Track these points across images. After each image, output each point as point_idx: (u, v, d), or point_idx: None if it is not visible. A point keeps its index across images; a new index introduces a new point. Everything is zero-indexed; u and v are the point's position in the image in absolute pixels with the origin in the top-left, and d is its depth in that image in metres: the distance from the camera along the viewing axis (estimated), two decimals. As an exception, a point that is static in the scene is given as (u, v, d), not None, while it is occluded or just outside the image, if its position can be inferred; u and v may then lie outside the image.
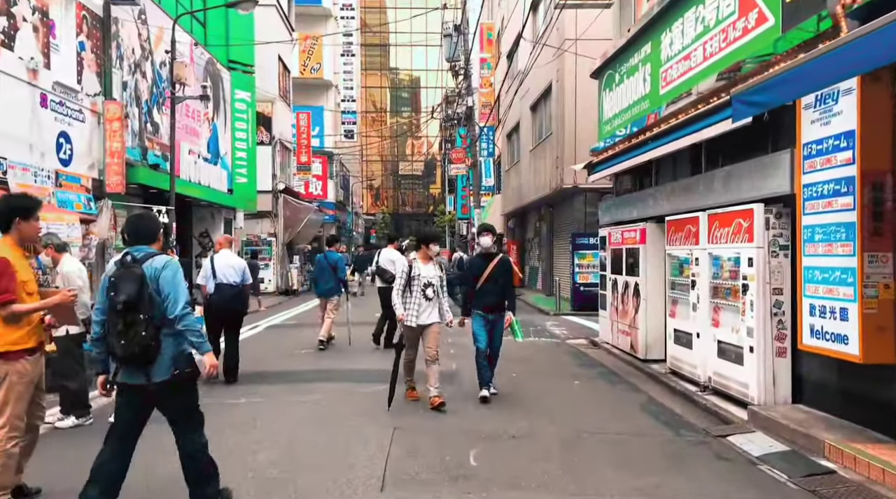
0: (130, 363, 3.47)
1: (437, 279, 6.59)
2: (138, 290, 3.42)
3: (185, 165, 14.77)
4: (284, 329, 13.11)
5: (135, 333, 3.40)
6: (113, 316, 3.45)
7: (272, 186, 23.70)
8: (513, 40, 24.97)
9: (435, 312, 6.61)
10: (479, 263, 7.19)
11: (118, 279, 3.47)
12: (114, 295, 3.45)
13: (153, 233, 3.79)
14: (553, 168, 18.24)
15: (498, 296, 7.03)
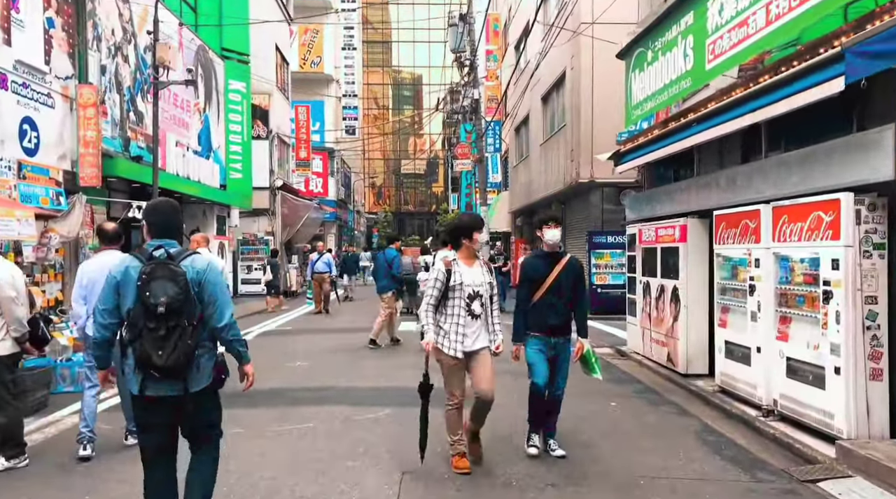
0: (169, 374, 3.08)
1: (486, 288, 4.74)
2: (183, 292, 3.06)
3: (173, 157, 13.67)
4: (278, 336, 11.99)
5: (179, 341, 3.04)
6: (148, 320, 3.03)
7: (269, 183, 22.60)
8: (521, 29, 23.85)
9: (484, 334, 4.73)
10: (539, 265, 5.19)
11: (153, 277, 3.05)
12: (149, 296, 3.02)
13: (181, 226, 3.45)
14: (567, 162, 17.10)
15: (564, 314, 5.14)
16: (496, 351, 4.79)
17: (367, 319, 14.54)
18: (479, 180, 30.86)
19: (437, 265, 4.79)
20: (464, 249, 4.81)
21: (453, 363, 4.65)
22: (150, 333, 3.03)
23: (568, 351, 5.21)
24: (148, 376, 3.08)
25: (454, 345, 4.61)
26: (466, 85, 25.65)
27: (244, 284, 21.46)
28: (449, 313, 4.65)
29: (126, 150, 12.20)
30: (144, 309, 3.04)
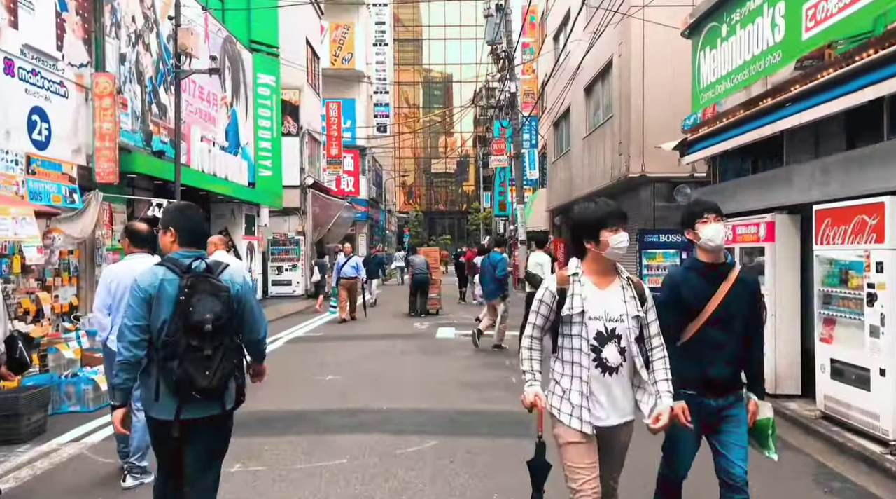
0: (211, 395, 2.88)
1: (630, 324, 2.83)
2: (228, 309, 2.90)
3: (197, 153, 12.93)
4: (307, 344, 11.14)
5: (224, 361, 2.88)
6: (193, 339, 2.81)
7: (300, 181, 21.87)
8: (560, 18, 22.76)
9: (627, 400, 2.86)
10: (697, 283, 3.23)
11: (195, 292, 2.84)
12: (192, 312, 2.81)
13: (207, 233, 3.34)
14: (614, 155, 15.97)
15: (735, 360, 3.21)
16: (653, 427, 2.81)
17: (400, 325, 13.69)
18: (514, 177, 29.86)
19: (547, 281, 3.03)
20: (590, 257, 2.94)
21: (577, 442, 2.82)
22: (194, 353, 2.81)
23: (740, 416, 3.22)
24: (188, 398, 2.84)
25: (577, 412, 2.82)
26: (503, 78, 24.63)
27: (275, 286, 20.76)
28: (566, 360, 2.87)
29: (148, 144, 11.48)
30: (188, 327, 2.80)
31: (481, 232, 63.69)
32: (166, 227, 3.09)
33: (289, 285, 20.90)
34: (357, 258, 14.62)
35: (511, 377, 8.03)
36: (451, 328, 12.89)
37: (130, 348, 2.85)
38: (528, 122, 27.24)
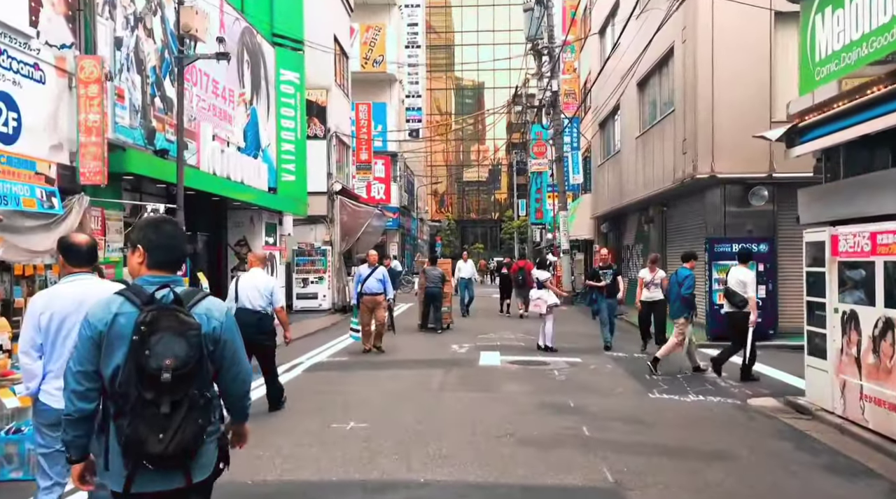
0: (168, 464, 2.29)
1: None
2: (197, 352, 2.29)
3: (209, 153, 11.49)
4: (329, 374, 9.53)
5: (187, 420, 2.26)
6: (146, 390, 2.23)
7: (327, 187, 20.44)
8: (608, 10, 21.00)
9: None
10: None
11: (155, 330, 2.26)
12: (149, 356, 2.22)
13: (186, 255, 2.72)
14: (677, 154, 14.15)
15: None
16: None
17: (434, 347, 12.00)
18: (554, 183, 28.09)
19: None
20: None
21: None
22: (148, 409, 2.24)
23: None
24: (139, 466, 2.28)
25: None
26: (543, 76, 22.95)
27: (300, 300, 19.33)
28: None
29: (150, 142, 10.07)
30: (141, 374, 2.23)
31: (515, 241, 61.92)
32: (134, 244, 2.52)
33: (315, 299, 19.44)
34: (384, 269, 11.28)
35: (581, 427, 6.31)
36: (496, 353, 11.19)
37: (74, 401, 2.37)
38: (570, 124, 25.48)
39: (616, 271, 12.20)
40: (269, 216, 15.21)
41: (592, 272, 12.63)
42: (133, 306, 2.35)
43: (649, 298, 11.09)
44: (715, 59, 12.81)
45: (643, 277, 11.14)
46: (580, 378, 8.98)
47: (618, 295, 12.11)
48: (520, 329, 14.81)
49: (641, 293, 11.12)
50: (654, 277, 11.08)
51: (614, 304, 12.04)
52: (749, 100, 12.75)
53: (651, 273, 11.09)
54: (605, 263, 12.52)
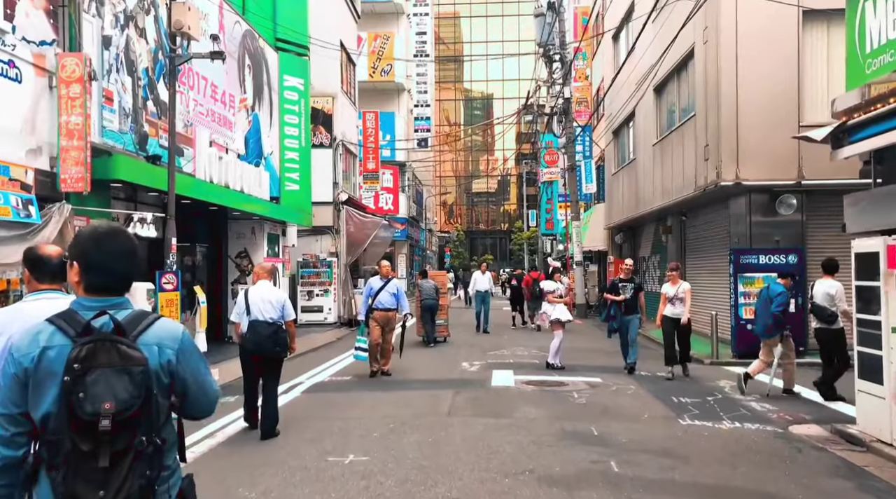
0: None
1: None
2: (142, 393, 1.87)
3: (205, 160, 10.91)
4: (329, 395, 8.86)
5: (131, 473, 1.87)
6: (82, 439, 1.83)
7: (333, 197, 19.85)
8: (622, 13, 20.40)
9: None
10: None
11: (90, 367, 1.85)
12: (83, 399, 1.82)
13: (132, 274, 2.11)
14: (698, 161, 13.45)
15: None
16: None
17: (443, 365, 11.27)
18: (565, 193, 27.42)
19: None
20: None
21: None
22: (84, 462, 1.83)
23: None
24: None
25: None
26: (555, 83, 22.35)
27: (305, 313, 18.70)
28: None
29: (141, 148, 9.50)
30: (75, 421, 1.82)
31: (525, 252, 61.20)
32: (71, 259, 2.05)
33: (320, 312, 18.82)
34: (397, 282, 10.22)
35: (609, 462, 5.60)
36: (509, 371, 10.49)
37: (2, 447, 1.91)
38: (582, 131, 24.83)
39: (638, 286, 10.76)
40: (271, 227, 14.62)
41: (611, 285, 11.19)
42: (65, 338, 1.93)
43: (674, 315, 10.03)
44: (739, 59, 12.14)
45: (665, 292, 10.13)
46: (602, 401, 8.27)
47: (638, 313, 10.65)
48: (533, 345, 14.10)
49: (664, 308, 10.13)
50: (677, 291, 10.01)
51: (635, 321, 10.54)
52: (776, 102, 12.08)
53: (673, 285, 10.07)
54: (626, 275, 10.80)
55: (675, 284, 10.07)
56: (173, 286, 8.49)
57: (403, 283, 35.79)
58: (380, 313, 9.79)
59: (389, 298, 9.89)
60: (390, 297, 9.90)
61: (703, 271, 15.66)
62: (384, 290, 9.85)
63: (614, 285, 10.83)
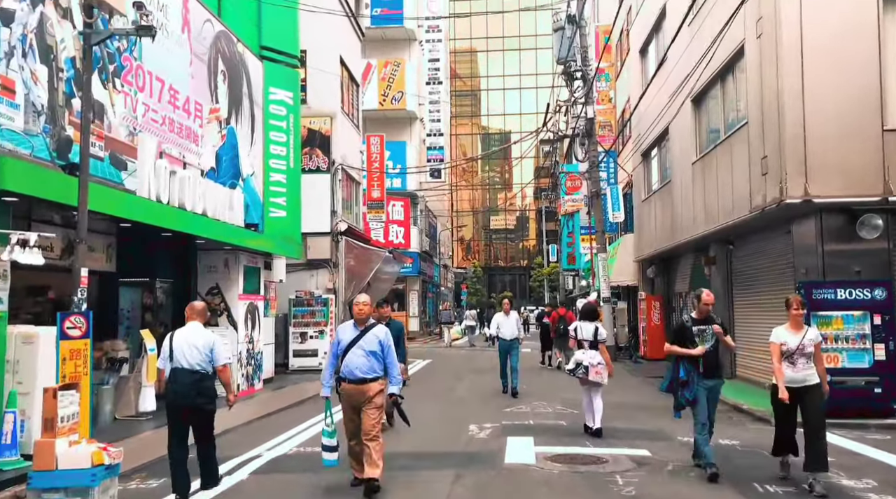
0: None
1: None
2: None
3: (149, 174, 8.86)
4: (286, 478, 6.60)
5: None
6: None
7: (331, 227, 17.86)
8: (651, 24, 18.47)
9: None
10: None
11: None
12: None
13: None
14: (753, 176, 11.23)
15: None
16: None
17: (443, 428, 8.81)
18: (591, 223, 25.21)
19: None
20: None
21: None
22: None
23: None
24: None
25: None
26: (577, 101, 20.37)
27: (297, 358, 16.61)
28: None
29: (61, 155, 7.53)
30: None
31: (545, 289, 58.72)
32: None
33: (314, 357, 16.65)
34: (385, 330, 6.22)
35: None
36: (528, 439, 8.17)
37: None
38: (606, 156, 22.75)
39: (722, 326, 6.65)
40: (249, 259, 12.56)
41: (678, 330, 6.80)
42: None
43: (800, 382, 6.02)
44: (805, 53, 10.01)
45: (784, 342, 6.09)
46: (657, 492, 5.95)
47: (723, 375, 6.99)
48: (556, 396, 11.78)
49: (782, 371, 6.04)
50: (802, 340, 6.03)
51: (718, 388, 6.70)
52: (851, 102, 9.92)
53: (796, 332, 6.10)
54: (702, 314, 6.62)
55: (797, 329, 6.14)
56: (81, 332, 6.42)
57: (414, 322, 33.55)
58: (350, 386, 5.93)
59: (365, 359, 5.93)
60: (367, 358, 5.93)
61: (755, 309, 13.31)
62: (358, 344, 5.96)
63: (683, 330, 6.67)
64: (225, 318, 12.01)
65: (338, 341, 6.14)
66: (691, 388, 6.47)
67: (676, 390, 6.60)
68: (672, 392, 6.70)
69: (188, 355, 5.71)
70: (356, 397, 5.92)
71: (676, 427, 8.83)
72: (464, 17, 60.84)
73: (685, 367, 6.51)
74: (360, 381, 5.88)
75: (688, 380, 6.48)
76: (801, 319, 6.18)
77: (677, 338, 6.66)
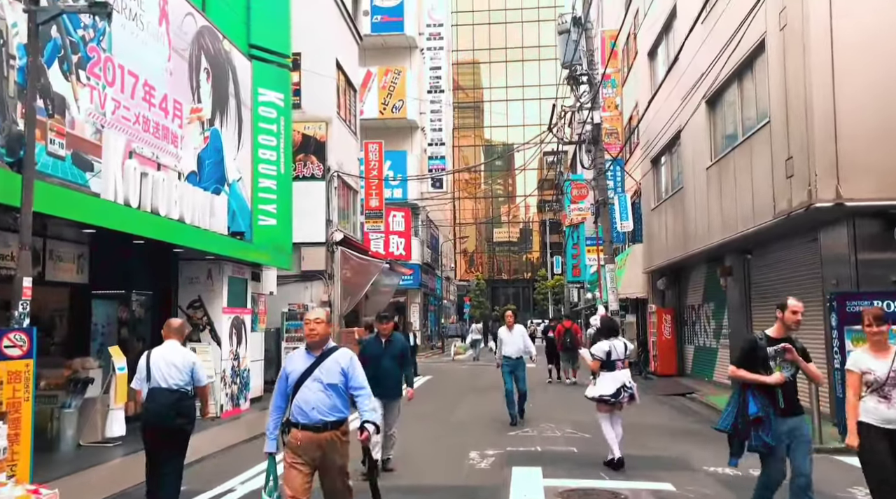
0: None
1: None
2: None
3: (116, 175, 8.04)
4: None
5: None
6: None
7: (326, 237, 17.06)
8: (660, 25, 17.73)
9: None
10: None
11: None
12: None
13: None
14: (777, 179, 10.38)
15: None
16: None
17: (447, 456, 7.86)
18: (598, 233, 24.34)
19: None
20: None
21: None
22: None
23: None
24: None
25: None
26: (583, 107, 19.59)
27: (289, 374, 15.66)
28: None
29: (10, 152, 6.72)
30: None
31: (549, 302, 57.76)
32: None
33: (308, 374, 15.75)
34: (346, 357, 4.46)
35: None
36: (536, 470, 7.28)
37: None
38: (613, 163, 21.93)
39: (802, 352, 4.91)
40: (235, 269, 11.73)
41: (748, 348, 5.05)
42: None
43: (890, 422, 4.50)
44: (835, 41, 9.20)
45: (868, 370, 4.56)
46: None
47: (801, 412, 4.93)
48: (565, 418, 10.89)
49: (857, 408, 4.62)
50: (892, 366, 4.48)
51: (801, 427, 4.84)
52: (888, 97, 9.09)
53: (882, 356, 4.57)
54: (781, 332, 4.96)
55: (882, 351, 4.59)
56: (23, 351, 5.58)
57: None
58: (304, 434, 4.30)
59: (324, 396, 4.32)
60: (326, 393, 4.32)
61: (767, 319, 12.40)
62: (313, 377, 4.33)
63: (755, 350, 4.94)
64: (207, 333, 11.17)
65: (285, 375, 4.42)
66: (767, 428, 4.69)
67: (744, 431, 4.80)
68: (736, 434, 4.87)
69: (167, 374, 5.57)
70: (311, 451, 4.25)
71: (698, 453, 7.98)
72: (466, 26, 60.32)
73: (758, 400, 4.77)
74: (318, 426, 4.23)
75: (763, 417, 4.72)
76: (884, 338, 4.57)
77: (746, 360, 4.93)
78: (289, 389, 4.40)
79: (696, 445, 8.84)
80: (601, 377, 7.47)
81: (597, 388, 7.44)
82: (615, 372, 7.43)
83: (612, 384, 7.37)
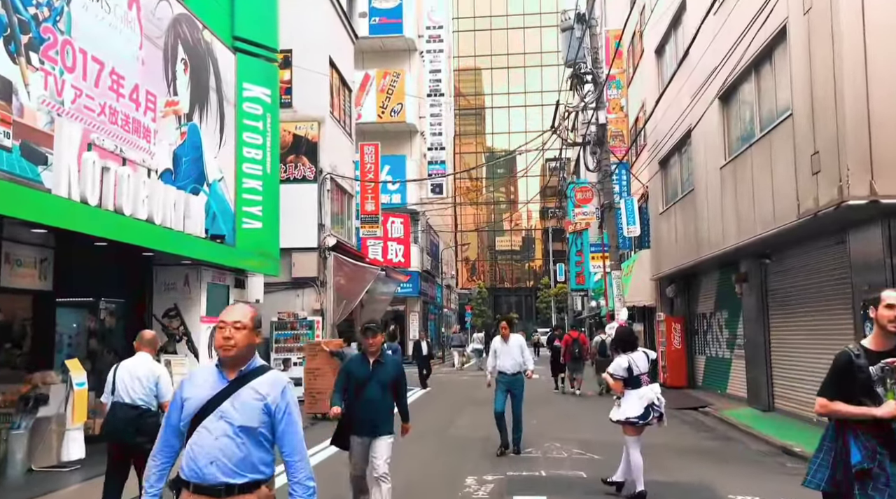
0: None
1: None
2: None
3: (70, 169, 7.21)
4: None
5: None
6: None
7: (318, 242, 16.24)
8: (668, 20, 16.95)
9: None
10: None
11: None
12: None
13: None
14: (801, 176, 9.53)
15: None
16: None
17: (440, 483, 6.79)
18: (603, 239, 23.47)
19: None
20: None
21: None
22: None
23: None
24: None
25: None
26: (587, 106, 18.79)
27: (279, 386, 14.80)
28: None
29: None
30: None
31: (553, 310, 56.80)
32: None
33: (298, 386, 14.89)
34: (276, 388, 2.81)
35: None
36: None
37: None
38: (618, 168, 21.12)
39: None
40: (216, 275, 10.92)
41: (841, 371, 3.49)
42: None
43: None
44: (867, 24, 8.38)
45: None
46: None
47: None
48: (571, 437, 10.01)
49: None
50: None
51: None
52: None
53: None
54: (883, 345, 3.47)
55: None
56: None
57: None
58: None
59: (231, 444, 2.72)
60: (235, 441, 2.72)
61: (795, 332, 11.61)
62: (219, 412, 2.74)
63: (852, 371, 3.46)
64: (184, 344, 10.36)
65: (180, 404, 2.81)
66: (879, 483, 3.32)
67: (846, 490, 3.42)
68: (835, 493, 3.49)
69: (130, 388, 5.44)
70: None
71: (720, 478, 7.11)
72: (467, 32, 59.66)
73: (861, 442, 3.39)
74: (218, 490, 2.70)
75: (871, 469, 3.34)
76: None
77: (840, 387, 3.48)
78: (182, 423, 2.79)
79: (716, 465, 8.07)
80: (626, 397, 6.45)
81: (622, 410, 6.46)
82: (641, 389, 6.46)
83: (638, 404, 6.38)
